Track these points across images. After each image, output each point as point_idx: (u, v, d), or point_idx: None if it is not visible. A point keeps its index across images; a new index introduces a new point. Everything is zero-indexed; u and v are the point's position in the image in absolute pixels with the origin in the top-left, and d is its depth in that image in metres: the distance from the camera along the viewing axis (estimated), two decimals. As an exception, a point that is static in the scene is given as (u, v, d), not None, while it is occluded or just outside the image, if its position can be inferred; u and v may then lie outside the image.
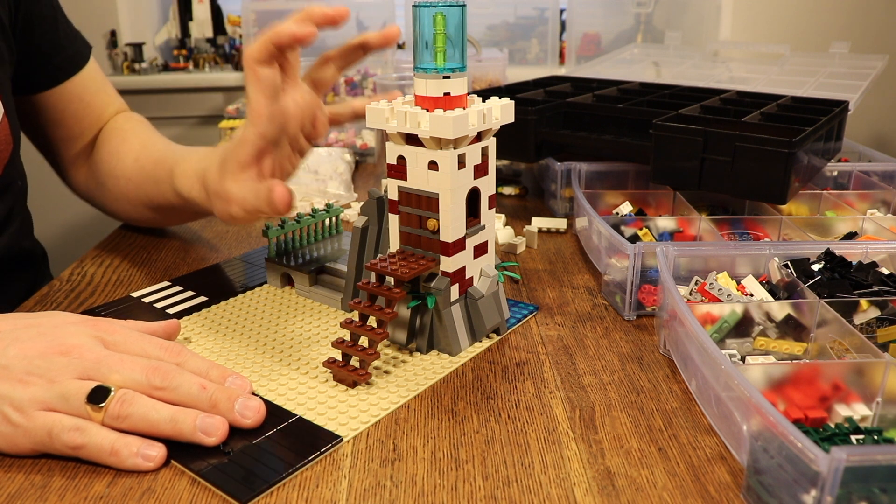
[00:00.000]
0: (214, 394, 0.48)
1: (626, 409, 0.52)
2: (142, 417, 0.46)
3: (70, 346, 0.49)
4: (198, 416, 0.47)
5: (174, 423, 0.47)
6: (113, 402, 0.46)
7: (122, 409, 0.46)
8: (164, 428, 0.47)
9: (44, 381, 0.47)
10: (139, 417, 0.46)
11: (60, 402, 0.46)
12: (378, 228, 0.64)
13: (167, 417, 0.47)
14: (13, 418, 0.46)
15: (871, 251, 0.65)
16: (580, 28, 1.80)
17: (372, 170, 1.22)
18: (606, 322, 0.65)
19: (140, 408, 0.46)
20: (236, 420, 0.48)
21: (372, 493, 0.43)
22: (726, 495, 0.43)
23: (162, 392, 0.48)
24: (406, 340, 0.59)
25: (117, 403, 0.46)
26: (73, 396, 0.46)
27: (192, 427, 0.47)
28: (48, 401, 0.46)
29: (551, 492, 0.43)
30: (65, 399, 0.46)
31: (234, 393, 0.49)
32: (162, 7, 2.04)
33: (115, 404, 0.46)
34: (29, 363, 0.47)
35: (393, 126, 0.55)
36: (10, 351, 0.48)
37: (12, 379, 0.47)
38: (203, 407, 0.48)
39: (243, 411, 0.48)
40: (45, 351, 0.48)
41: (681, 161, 0.77)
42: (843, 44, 1.26)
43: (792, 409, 0.47)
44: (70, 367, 0.47)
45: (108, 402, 0.46)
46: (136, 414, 0.46)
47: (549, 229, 0.89)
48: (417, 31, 0.55)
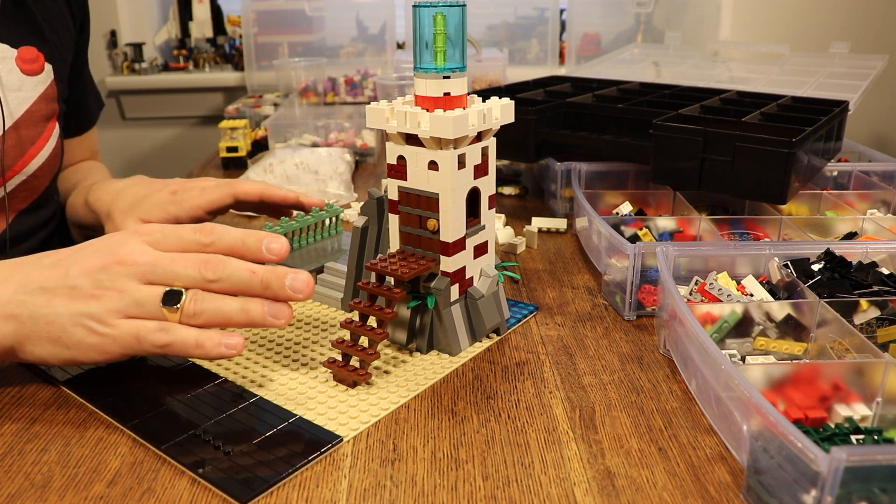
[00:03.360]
0: (264, 276, 0.51)
1: (626, 409, 0.52)
2: (215, 311, 0.51)
3: (123, 254, 0.51)
4: (265, 303, 0.51)
5: (245, 312, 0.51)
6: (187, 301, 0.50)
7: (196, 306, 0.50)
8: (237, 318, 0.51)
9: (113, 291, 0.50)
10: (213, 312, 0.50)
11: (137, 308, 0.50)
12: (378, 228, 0.64)
13: (238, 308, 0.51)
14: (98, 329, 0.49)
15: (871, 251, 0.65)
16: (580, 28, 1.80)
17: (372, 170, 1.22)
18: (606, 322, 0.65)
19: (212, 303, 0.51)
20: (289, 296, 0.51)
21: (372, 493, 0.43)
22: (726, 495, 0.43)
23: (217, 284, 0.51)
24: (406, 340, 0.59)
25: (191, 303, 0.50)
26: (148, 301, 0.50)
27: (261, 313, 0.51)
28: (125, 308, 0.50)
29: (551, 492, 0.43)
30: (140, 305, 0.50)
31: (282, 271, 0.51)
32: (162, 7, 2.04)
33: (190, 304, 0.50)
34: (94, 278, 0.50)
35: (393, 126, 0.55)
36: (73, 271, 0.51)
37: (84, 296, 0.50)
38: (256, 290, 0.51)
39: (294, 286, 0.51)
40: (102, 264, 0.51)
41: (681, 161, 0.77)
42: (843, 44, 1.26)
43: (792, 409, 0.47)
44: (130, 274, 0.51)
45: (183, 303, 0.50)
46: (209, 309, 0.50)
47: (549, 229, 0.89)
48: (417, 31, 0.55)
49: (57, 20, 0.87)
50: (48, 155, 0.83)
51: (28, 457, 0.47)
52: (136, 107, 1.97)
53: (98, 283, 0.50)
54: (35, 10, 0.83)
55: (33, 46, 0.81)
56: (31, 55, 0.80)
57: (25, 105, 0.80)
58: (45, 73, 0.82)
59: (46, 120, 0.83)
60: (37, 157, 0.82)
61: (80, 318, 0.49)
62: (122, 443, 0.48)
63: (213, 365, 0.57)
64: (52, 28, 0.85)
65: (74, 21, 0.91)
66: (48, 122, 0.83)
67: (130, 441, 0.48)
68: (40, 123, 0.82)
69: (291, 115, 1.36)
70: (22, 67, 0.79)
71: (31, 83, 0.80)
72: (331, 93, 1.65)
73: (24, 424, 0.50)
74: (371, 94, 1.66)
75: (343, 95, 1.67)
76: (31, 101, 0.80)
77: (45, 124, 0.83)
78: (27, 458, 0.47)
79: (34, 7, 0.83)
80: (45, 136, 0.82)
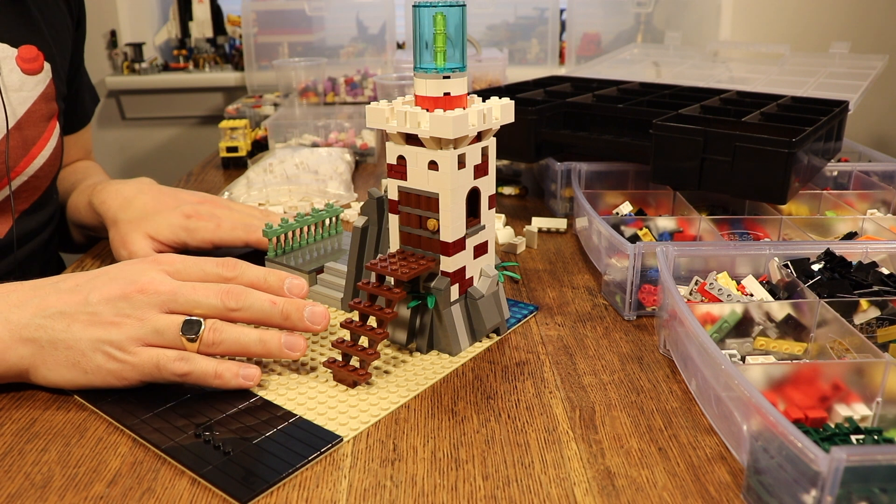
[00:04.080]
0: (284, 307, 0.53)
1: (626, 409, 0.52)
2: (234, 342, 0.52)
3: (143, 283, 0.52)
4: (282, 335, 0.53)
5: (262, 343, 0.52)
6: (206, 331, 0.51)
7: (214, 336, 0.51)
8: (255, 349, 0.52)
9: (133, 319, 0.51)
10: (231, 342, 0.52)
11: (156, 336, 0.50)
12: (378, 228, 0.64)
13: (256, 339, 0.52)
14: (118, 356, 0.50)
15: (871, 251, 0.65)
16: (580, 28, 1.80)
17: (372, 170, 1.22)
18: (606, 322, 0.65)
19: (230, 334, 0.52)
20: (308, 328, 0.53)
21: (372, 493, 0.43)
22: (726, 495, 0.43)
23: (238, 313, 0.52)
24: (406, 340, 0.59)
25: (210, 332, 0.51)
26: (167, 330, 0.51)
27: (278, 345, 0.52)
28: (145, 337, 0.50)
29: (551, 492, 0.43)
30: (160, 333, 0.50)
31: (301, 304, 0.54)
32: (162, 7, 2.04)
33: (209, 333, 0.51)
34: (114, 306, 0.51)
35: (393, 126, 0.55)
36: (93, 297, 0.51)
37: (105, 322, 0.50)
38: (276, 321, 0.53)
39: (312, 319, 0.53)
40: (123, 292, 0.51)
41: (681, 161, 0.77)
42: (843, 44, 1.26)
43: (792, 409, 0.47)
44: (151, 303, 0.51)
45: (202, 333, 0.51)
46: (227, 339, 0.51)
47: (549, 229, 0.89)
48: (417, 31, 0.55)
49: (55, 18, 0.87)
50: (49, 154, 0.83)
51: (28, 457, 0.47)
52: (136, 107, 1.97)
53: (119, 311, 0.51)
54: (34, 9, 0.83)
55: (33, 45, 0.81)
56: (32, 54, 0.81)
57: (27, 105, 0.80)
58: (45, 72, 0.82)
59: (47, 119, 0.83)
60: (38, 156, 0.82)
61: (99, 345, 0.50)
62: (122, 443, 0.48)
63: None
64: (51, 26, 0.85)
65: (72, 18, 0.91)
66: (49, 121, 0.83)
67: (130, 441, 0.48)
68: (41, 123, 0.82)
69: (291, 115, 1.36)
70: (22, 67, 0.79)
71: (31, 83, 0.81)
72: (331, 93, 1.65)
73: (24, 424, 0.50)
74: (371, 94, 1.66)
75: (343, 95, 1.66)
76: (32, 100, 0.81)
77: (46, 124, 0.83)
78: (27, 458, 0.47)
79: (33, 6, 0.83)
80: (45, 136, 0.83)
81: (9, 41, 0.79)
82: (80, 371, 0.51)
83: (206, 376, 0.51)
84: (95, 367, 0.50)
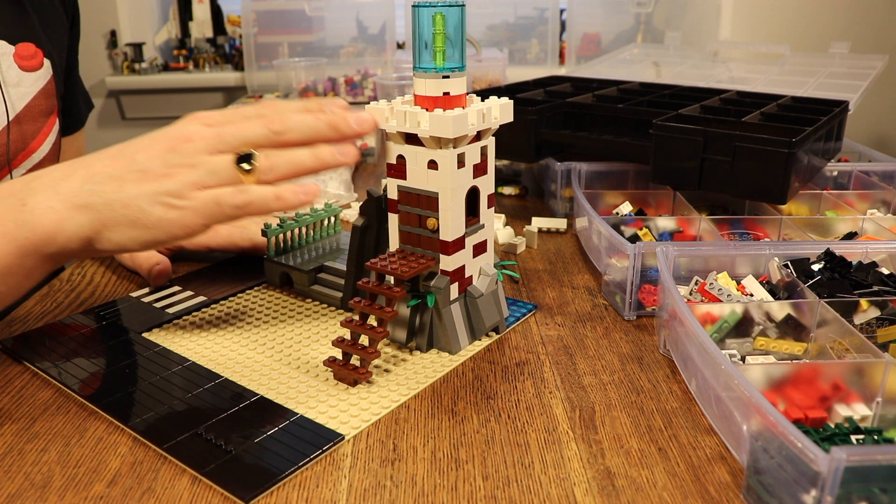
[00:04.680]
0: (330, 119, 0.52)
1: (626, 409, 0.52)
2: (288, 162, 0.51)
3: (186, 134, 0.51)
4: (334, 147, 0.52)
5: (316, 156, 0.51)
6: (260, 159, 0.50)
7: (269, 161, 0.50)
8: (310, 162, 0.51)
9: (185, 167, 0.49)
10: (286, 162, 0.51)
11: (211, 177, 0.49)
12: (377, 227, 0.64)
13: (309, 154, 0.51)
14: (177, 203, 0.49)
15: (871, 251, 0.65)
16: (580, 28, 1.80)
17: (372, 170, 1.22)
18: (606, 322, 0.65)
19: (283, 156, 0.51)
20: (357, 132, 0.53)
21: (372, 493, 0.43)
22: (726, 495, 0.43)
23: (285, 136, 0.51)
24: (406, 339, 0.59)
25: (264, 158, 0.50)
26: (221, 168, 0.49)
27: (332, 152, 0.52)
28: (200, 180, 0.49)
29: (551, 492, 0.43)
30: (214, 173, 0.49)
31: (344, 113, 0.53)
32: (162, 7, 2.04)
33: (263, 160, 0.50)
34: (163, 160, 0.50)
35: (393, 125, 0.55)
36: (139, 157, 0.50)
37: (157, 176, 0.49)
38: (325, 132, 0.52)
39: (360, 124, 0.53)
40: (169, 146, 0.50)
41: (681, 161, 0.77)
42: (843, 44, 1.26)
43: (792, 409, 0.47)
44: (199, 149, 0.50)
45: (255, 162, 0.50)
46: (282, 161, 0.50)
47: (549, 229, 0.89)
48: (417, 31, 0.55)
49: (52, 17, 0.87)
50: (48, 150, 0.84)
51: (28, 457, 0.47)
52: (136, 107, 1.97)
53: (168, 163, 0.49)
54: (31, 8, 0.83)
55: (31, 43, 0.82)
56: (29, 51, 0.81)
57: (25, 100, 0.81)
58: (45, 68, 0.83)
59: (46, 115, 0.83)
60: (37, 150, 0.82)
61: (156, 197, 0.49)
62: (122, 443, 0.48)
63: (213, 364, 0.57)
64: (48, 25, 0.86)
65: (67, 17, 0.91)
66: (48, 117, 0.84)
67: (130, 441, 0.48)
68: (40, 118, 0.83)
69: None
70: (20, 64, 0.80)
71: (30, 79, 0.81)
72: (331, 93, 1.65)
73: (24, 424, 0.50)
74: (371, 94, 1.66)
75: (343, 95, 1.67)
76: (31, 96, 0.81)
77: (46, 119, 0.83)
78: (27, 458, 0.47)
79: (29, 5, 0.83)
80: (45, 132, 0.83)
81: (6, 38, 0.80)
82: (142, 228, 0.49)
83: (266, 200, 0.50)
84: (156, 221, 0.49)
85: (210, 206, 0.49)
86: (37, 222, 0.49)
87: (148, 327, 0.63)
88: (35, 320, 0.66)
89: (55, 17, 0.88)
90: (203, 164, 0.49)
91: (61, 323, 0.64)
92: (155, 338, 0.61)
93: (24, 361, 0.58)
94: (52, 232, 0.49)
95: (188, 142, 0.50)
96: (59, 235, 0.49)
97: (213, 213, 0.49)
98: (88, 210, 0.49)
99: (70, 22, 0.92)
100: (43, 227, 0.49)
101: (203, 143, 0.50)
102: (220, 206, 0.49)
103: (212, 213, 0.49)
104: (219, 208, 0.49)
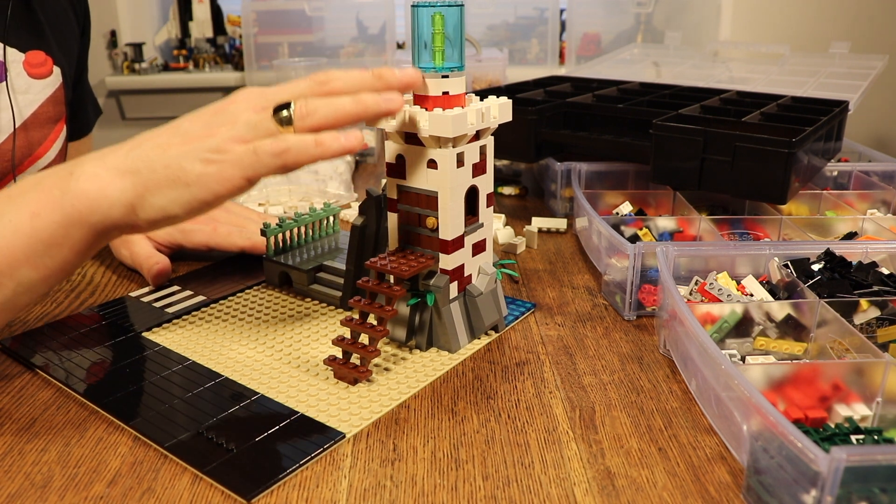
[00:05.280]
0: (376, 70, 0.51)
1: (626, 409, 0.52)
2: (327, 106, 0.49)
3: (231, 99, 0.51)
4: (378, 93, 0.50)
5: (358, 101, 0.49)
6: (298, 106, 0.48)
7: (307, 107, 0.48)
8: (351, 108, 0.49)
9: (226, 126, 0.49)
10: (325, 107, 0.49)
11: (250, 130, 0.49)
12: (377, 227, 0.64)
13: (350, 98, 0.49)
14: (215, 158, 0.48)
15: (871, 251, 0.65)
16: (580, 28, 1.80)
17: (372, 170, 1.22)
18: (606, 322, 0.65)
19: (323, 101, 0.49)
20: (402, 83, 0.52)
21: (372, 493, 0.43)
22: (726, 495, 0.43)
23: (329, 84, 0.50)
24: (406, 338, 0.59)
25: (301, 106, 0.48)
26: (260, 122, 0.49)
27: (375, 100, 0.50)
28: (239, 135, 0.49)
29: (551, 492, 0.43)
30: (254, 127, 0.49)
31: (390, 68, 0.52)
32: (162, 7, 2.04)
33: (300, 107, 0.48)
34: (205, 122, 0.50)
35: (392, 125, 0.55)
36: (184, 125, 0.51)
37: (198, 136, 0.49)
38: (370, 82, 0.51)
39: (404, 77, 0.52)
40: (213, 111, 0.51)
41: (681, 161, 0.77)
42: (843, 44, 1.26)
43: (792, 409, 0.47)
44: (241, 108, 0.50)
45: (293, 109, 0.48)
46: (321, 106, 0.49)
47: (549, 229, 0.89)
48: (416, 31, 0.55)
49: (63, 25, 0.88)
50: (55, 156, 0.84)
51: (28, 457, 0.47)
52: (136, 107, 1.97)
53: (210, 124, 0.50)
54: (42, 17, 0.84)
55: (40, 51, 0.82)
56: (39, 59, 0.82)
57: (33, 107, 0.81)
58: (54, 76, 0.83)
59: (54, 122, 0.84)
60: (43, 157, 0.83)
61: (196, 154, 0.48)
62: (122, 443, 0.48)
63: (213, 364, 0.57)
64: (59, 33, 0.86)
65: (78, 25, 0.92)
66: (56, 124, 0.84)
67: (130, 441, 0.48)
68: (47, 125, 0.83)
69: (291, 115, 1.36)
70: (29, 71, 0.81)
71: (38, 86, 0.82)
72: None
73: (24, 424, 0.50)
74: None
75: (343, 95, 1.66)
76: (39, 103, 0.82)
77: (53, 126, 0.84)
78: (27, 458, 0.47)
79: (42, 13, 0.84)
80: (51, 138, 0.84)
81: (17, 46, 0.80)
82: (182, 186, 0.48)
83: (305, 146, 0.48)
84: (196, 177, 0.48)
85: (248, 157, 0.48)
86: (81, 189, 0.49)
87: (148, 327, 0.63)
88: (35, 320, 0.66)
89: (67, 24, 0.88)
90: (242, 119, 0.49)
91: (61, 323, 0.64)
92: (155, 337, 0.61)
93: (24, 361, 0.58)
94: (95, 198, 0.49)
95: (232, 104, 0.50)
96: (103, 202, 0.49)
97: (252, 163, 0.48)
98: (132, 175, 0.49)
99: (81, 29, 0.93)
100: (87, 193, 0.49)
101: (246, 103, 0.50)
102: (257, 156, 0.48)
103: (250, 163, 0.48)
104: (256, 157, 0.48)
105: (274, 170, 0.49)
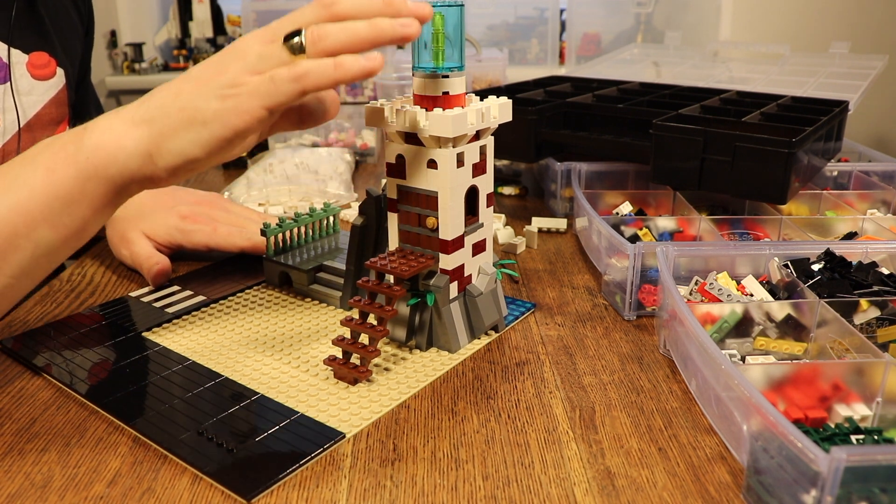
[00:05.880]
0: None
1: (626, 409, 0.52)
2: (340, 29, 0.47)
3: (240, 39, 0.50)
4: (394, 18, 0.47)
5: (373, 24, 0.47)
6: (308, 33, 0.47)
7: (318, 32, 0.47)
8: (366, 32, 0.47)
9: (237, 60, 0.48)
10: (338, 31, 0.47)
11: (263, 62, 0.47)
12: (377, 227, 0.64)
13: (365, 23, 0.47)
14: (230, 92, 0.47)
15: (871, 251, 0.65)
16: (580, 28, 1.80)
17: (372, 170, 1.22)
18: (606, 322, 0.65)
19: (335, 25, 0.47)
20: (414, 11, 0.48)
21: (372, 493, 0.43)
22: (726, 495, 0.43)
23: (336, 6, 0.48)
24: (406, 338, 0.59)
25: (312, 31, 0.47)
26: (271, 53, 0.47)
27: (391, 23, 0.47)
28: (251, 66, 0.47)
29: (551, 492, 0.43)
30: (266, 58, 0.47)
31: None
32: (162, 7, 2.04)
33: (311, 33, 0.47)
34: (216, 63, 0.49)
35: (392, 125, 0.55)
36: (193, 71, 0.49)
37: (210, 76, 0.48)
38: (379, 7, 0.48)
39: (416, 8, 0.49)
40: (221, 53, 0.49)
41: (681, 161, 0.77)
42: (843, 44, 1.26)
43: (792, 409, 0.47)
44: (250, 44, 0.48)
45: (304, 35, 0.47)
46: (333, 30, 0.47)
47: (549, 229, 0.89)
48: (417, 31, 0.55)
49: (68, 26, 0.88)
50: None
51: (28, 457, 0.47)
52: (136, 107, 1.97)
53: (221, 62, 0.48)
54: (46, 18, 0.84)
55: (44, 52, 0.83)
56: (43, 61, 0.82)
57: (36, 108, 0.81)
58: (58, 77, 0.84)
59: (57, 123, 0.84)
60: None
61: (211, 92, 0.47)
62: (122, 443, 0.48)
63: (213, 364, 0.57)
64: (63, 34, 0.87)
65: (83, 26, 0.92)
66: (59, 125, 0.84)
67: (130, 441, 0.48)
68: (51, 126, 0.83)
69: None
70: (32, 72, 0.81)
71: (41, 87, 0.82)
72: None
73: (24, 424, 0.50)
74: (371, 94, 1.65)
75: (343, 95, 1.66)
76: (42, 104, 0.82)
77: (56, 127, 0.84)
78: (27, 458, 0.47)
79: (46, 15, 0.84)
80: None
81: (20, 47, 0.80)
82: (199, 125, 0.47)
83: (325, 69, 0.46)
84: (213, 114, 0.47)
85: (265, 85, 0.46)
86: (96, 141, 0.48)
87: (148, 327, 0.63)
88: (35, 320, 0.66)
89: (70, 25, 0.89)
90: (255, 53, 0.48)
91: (62, 323, 0.64)
92: (155, 337, 0.61)
93: (24, 361, 0.58)
94: (111, 150, 0.48)
95: (240, 42, 0.49)
96: (119, 153, 0.48)
97: (269, 91, 0.47)
98: (147, 123, 0.48)
99: (85, 30, 0.93)
100: (102, 145, 0.48)
101: (253, 38, 0.49)
102: (274, 83, 0.46)
103: (267, 91, 0.47)
104: (274, 85, 0.46)
105: (294, 95, 0.47)
